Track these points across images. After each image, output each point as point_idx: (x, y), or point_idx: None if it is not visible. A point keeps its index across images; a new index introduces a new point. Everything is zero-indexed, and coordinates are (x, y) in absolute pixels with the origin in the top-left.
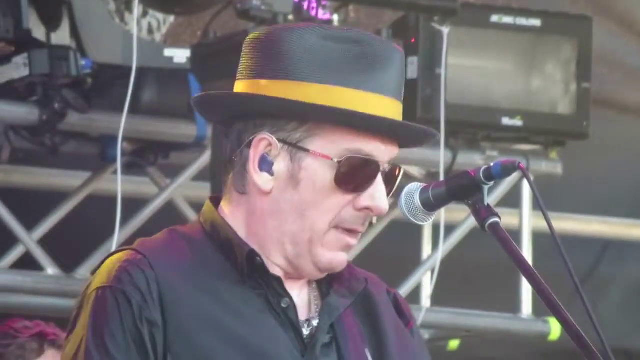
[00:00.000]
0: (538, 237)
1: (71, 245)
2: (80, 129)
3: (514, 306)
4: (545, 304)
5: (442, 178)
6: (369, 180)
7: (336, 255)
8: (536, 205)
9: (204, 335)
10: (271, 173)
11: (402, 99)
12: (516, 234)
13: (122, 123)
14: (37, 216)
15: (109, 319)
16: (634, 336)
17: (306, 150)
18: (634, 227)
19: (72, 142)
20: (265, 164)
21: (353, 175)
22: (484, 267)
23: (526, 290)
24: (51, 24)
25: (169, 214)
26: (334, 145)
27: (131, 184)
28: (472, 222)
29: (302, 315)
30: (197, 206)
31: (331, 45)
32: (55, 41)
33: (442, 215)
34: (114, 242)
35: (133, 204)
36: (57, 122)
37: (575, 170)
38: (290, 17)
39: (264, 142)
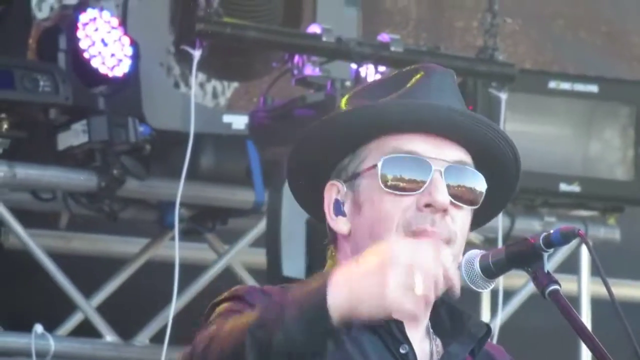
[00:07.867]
0: (597, 304)
1: (130, 312)
2: (138, 195)
3: None
4: None
5: (500, 244)
6: (417, 178)
7: None
8: (594, 271)
9: None
10: (344, 214)
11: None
12: (575, 300)
13: (180, 189)
14: (95, 283)
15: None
16: None
17: (358, 174)
18: None
19: (130, 208)
20: (338, 207)
21: (397, 173)
22: (543, 333)
23: (586, 357)
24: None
25: (228, 280)
26: (379, 154)
27: (190, 250)
28: (530, 287)
29: None
30: (255, 272)
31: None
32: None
33: (501, 281)
34: (172, 309)
35: (192, 270)
36: (115, 189)
37: (633, 236)
38: (348, 83)
39: (333, 188)
